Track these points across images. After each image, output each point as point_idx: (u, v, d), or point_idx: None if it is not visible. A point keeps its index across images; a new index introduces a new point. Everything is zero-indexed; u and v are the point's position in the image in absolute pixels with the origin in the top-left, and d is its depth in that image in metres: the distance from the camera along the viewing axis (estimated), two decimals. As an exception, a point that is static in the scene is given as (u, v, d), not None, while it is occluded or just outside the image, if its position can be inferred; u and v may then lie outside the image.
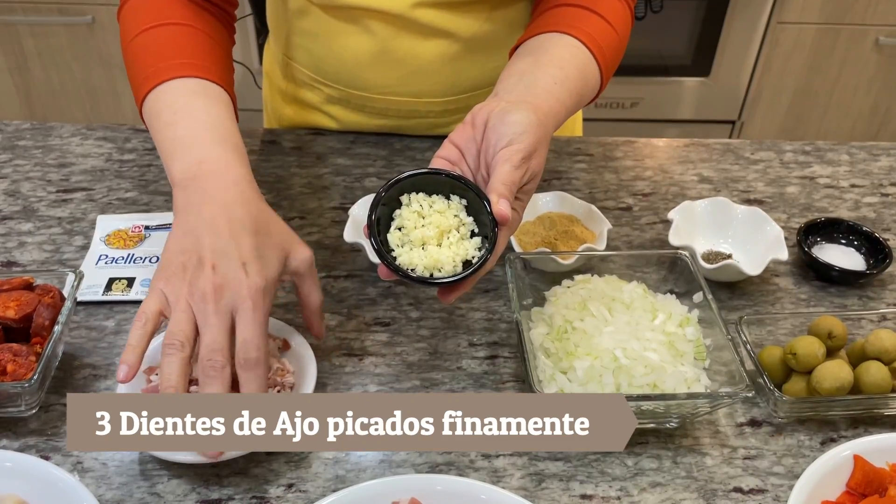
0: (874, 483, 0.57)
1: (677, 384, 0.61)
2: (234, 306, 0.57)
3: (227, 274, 0.57)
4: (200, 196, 0.61)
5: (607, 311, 0.66)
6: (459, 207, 0.59)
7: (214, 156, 0.63)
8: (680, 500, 0.60)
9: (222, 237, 0.59)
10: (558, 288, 0.70)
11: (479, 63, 0.90)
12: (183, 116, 0.65)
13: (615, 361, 0.61)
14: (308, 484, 0.60)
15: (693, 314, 0.67)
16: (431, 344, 0.72)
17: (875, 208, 0.91)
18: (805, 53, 1.97)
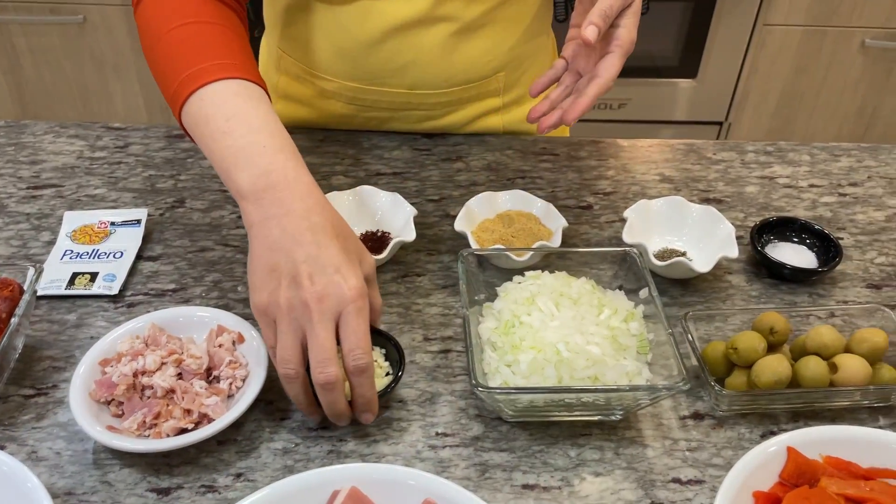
0: (806, 474, 0.58)
1: (618, 377, 0.63)
2: (336, 313, 0.58)
3: (325, 282, 0.58)
4: (277, 208, 0.60)
5: (554, 306, 0.67)
6: (379, 354, 0.68)
7: (280, 165, 0.62)
8: (619, 490, 0.62)
9: (310, 247, 0.59)
10: (509, 283, 0.72)
11: (475, 54, 0.92)
12: (237, 124, 0.64)
13: (558, 355, 0.63)
14: (257, 473, 0.62)
15: (639, 309, 0.69)
16: (387, 338, 0.74)
17: (832, 208, 0.93)
18: (791, 55, 1.99)
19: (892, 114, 2.12)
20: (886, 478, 0.58)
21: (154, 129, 1.02)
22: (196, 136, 0.67)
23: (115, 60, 2.02)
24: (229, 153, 0.64)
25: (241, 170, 0.63)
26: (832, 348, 0.66)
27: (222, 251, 0.83)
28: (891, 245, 0.87)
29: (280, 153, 0.64)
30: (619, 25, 0.74)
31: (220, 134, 0.64)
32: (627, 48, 0.74)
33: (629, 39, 0.74)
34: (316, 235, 0.60)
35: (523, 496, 0.61)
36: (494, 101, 0.99)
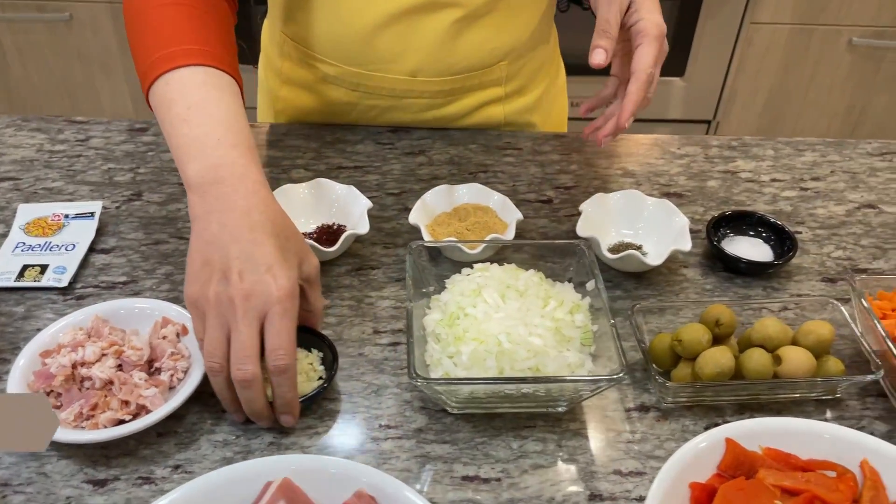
0: (744, 466, 0.58)
1: (559, 368, 0.62)
2: (262, 312, 0.58)
3: (254, 280, 0.58)
4: (220, 203, 0.60)
5: (500, 298, 0.67)
6: (315, 358, 0.68)
7: (230, 160, 0.62)
8: (559, 482, 0.61)
9: (245, 244, 0.59)
10: (457, 276, 0.72)
11: (478, 42, 0.92)
12: (197, 113, 0.65)
13: (499, 346, 0.62)
14: (195, 465, 0.61)
15: (585, 302, 0.69)
16: (336, 331, 0.74)
17: (792, 202, 0.93)
18: (779, 53, 1.99)
19: (880, 112, 2.13)
20: (825, 469, 0.58)
21: (116, 122, 1.02)
22: (158, 119, 0.67)
23: (101, 58, 2.02)
24: (184, 142, 0.64)
25: (192, 160, 0.63)
26: (776, 340, 0.66)
27: (176, 244, 0.83)
28: (849, 239, 0.87)
29: (233, 148, 0.63)
30: (638, 19, 0.76)
31: (180, 121, 0.65)
32: (655, 33, 0.75)
33: (653, 24, 0.75)
34: (253, 233, 0.59)
35: (462, 488, 0.61)
36: (497, 91, 0.99)
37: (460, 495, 0.60)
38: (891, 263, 0.84)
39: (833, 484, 0.56)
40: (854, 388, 0.69)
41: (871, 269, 0.83)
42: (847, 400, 0.69)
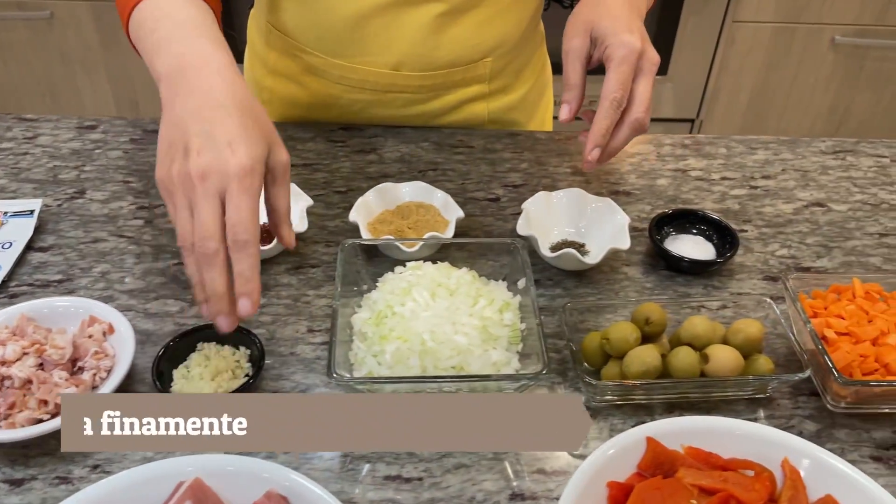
0: (664, 465, 0.58)
1: (483, 367, 0.62)
2: (221, 188, 0.56)
3: (212, 156, 0.56)
4: (184, 87, 0.60)
5: (430, 297, 0.67)
6: (243, 355, 0.68)
7: (196, 48, 0.63)
8: (481, 481, 0.61)
9: (205, 122, 0.58)
10: (390, 274, 0.71)
11: (462, 37, 0.91)
12: (164, 21, 0.67)
13: (423, 345, 0.62)
14: (115, 465, 0.61)
15: (515, 300, 0.68)
16: (270, 330, 0.73)
17: (741, 200, 0.93)
18: (762, 52, 1.99)
19: (864, 110, 2.13)
20: (745, 469, 0.58)
21: (66, 119, 1.01)
22: (136, 45, 0.69)
23: (82, 56, 2.01)
24: (153, 46, 0.66)
25: (159, 57, 0.64)
26: (704, 339, 0.66)
27: (115, 242, 0.82)
28: (794, 237, 0.87)
29: (199, 38, 0.64)
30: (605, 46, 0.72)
31: (149, 32, 0.67)
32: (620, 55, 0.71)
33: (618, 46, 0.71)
34: (214, 112, 0.59)
35: (383, 488, 0.60)
36: (481, 88, 0.99)
37: (381, 495, 0.60)
38: (835, 262, 0.84)
39: (750, 483, 0.56)
40: (787, 387, 0.69)
41: (815, 267, 0.83)
42: (779, 399, 0.68)
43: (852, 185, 0.96)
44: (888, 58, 2.01)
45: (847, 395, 0.64)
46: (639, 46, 0.72)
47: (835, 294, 0.71)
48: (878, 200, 0.93)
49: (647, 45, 0.73)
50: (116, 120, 1.02)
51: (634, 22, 0.74)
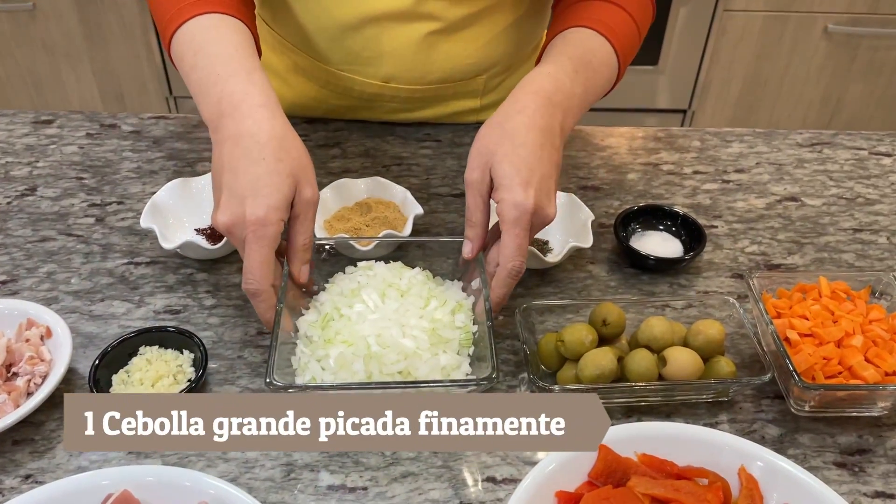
0: (617, 473, 0.56)
1: (431, 372, 0.60)
2: (243, 239, 0.60)
3: (233, 210, 0.60)
4: (220, 135, 0.63)
5: (379, 298, 0.64)
6: (187, 360, 0.67)
7: (228, 91, 0.64)
8: (428, 490, 0.59)
9: (229, 174, 0.61)
10: (340, 275, 0.69)
11: (455, 55, 0.88)
12: (201, 56, 0.67)
13: (367, 349, 0.60)
14: (47, 475, 0.58)
15: (468, 301, 0.66)
16: (218, 332, 0.71)
17: (712, 195, 0.90)
18: (754, 42, 1.95)
19: (857, 100, 2.09)
20: (700, 477, 0.56)
21: (22, 114, 0.99)
22: (180, 68, 0.70)
23: (66, 48, 1.98)
24: (196, 88, 0.67)
25: (202, 103, 0.66)
26: (662, 341, 0.63)
27: (64, 241, 0.80)
28: (765, 233, 0.84)
29: (231, 78, 0.65)
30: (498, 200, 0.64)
31: (190, 69, 0.67)
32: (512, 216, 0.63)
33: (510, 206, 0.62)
34: (240, 161, 0.61)
35: (325, 498, 0.58)
36: (472, 103, 0.96)
37: (322, 506, 0.57)
38: (806, 258, 0.81)
39: (702, 493, 0.53)
40: (751, 390, 0.67)
41: (785, 264, 0.81)
42: (742, 402, 0.66)
43: (828, 178, 0.93)
44: (882, 47, 1.97)
45: (810, 399, 0.62)
46: (530, 206, 0.62)
47: (801, 293, 0.68)
48: (853, 194, 0.91)
49: (545, 201, 0.64)
50: (74, 114, 0.99)
51: (539, 163, 0.64)
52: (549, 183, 0.65)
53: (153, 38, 1.92)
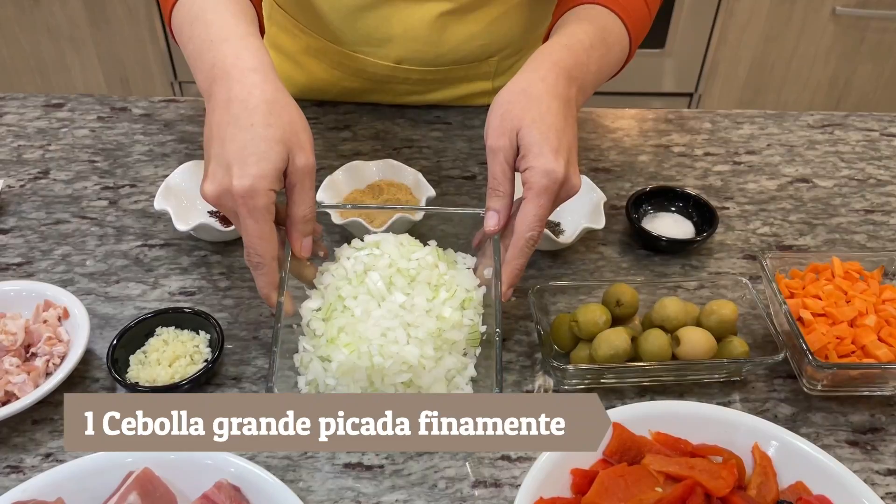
0: (631, 451, 0.56)
1: (436, 380, 0.59)
2: (234, 210, 0.58)
3: (219, 180, 0.57)
4: (211, 102, 0.61)
5: (385, 287, 0.63)
6: (203, 340, 0.67)
7: (221, 56, 0.61)
8: (444, 468, 0.59)
9: (219, 140, 0.58)
10: (346, 247, 0.66)
11: (466, 37, 0.87)
12: (197, 25, 0.64)
13: (370, 359, 0.59)
14: (67, 454, 0.59)
15: (479, 292, 0.64)
16: (233, 313, 0.71)
17: (723, 177, 0.90)
18: (761, 24, 1.93)
19: (865, 83, 2.08)
20: (714, 455, 0.56)
21: (33, 97, 0.99)
22: (181, 47, 0.67)
23: (70, 33, 1.97)
24: (191, 57, 0.64)
25: (197, 71, 0.63)
26: (675, 321, 0.64)
27: (78, 224, 0.80)
28: (777, 214, 0.84)
29: (224, 43, 0.62)
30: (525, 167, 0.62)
31: (187, 40, 0.65)
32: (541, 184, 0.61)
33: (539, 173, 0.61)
34: (227, 128, 0.58)
35: (342, 476, 0.59)
36: (484, 85, 0.96)
37: (339, 483, 0.58)
38: (818, 240, 0.81)
39: (717, 470, 0.54)
40: (763, 370, 0.67)
41: (797, 245, 0.81)
42: (755, 382, 0.66)
43: (839, 159, 0.93)
44: (890, 29, 1.96)
45: (823, 378, 0.62)
46: (561, 174, 0.61)
47: (813, 274, 0.68)
48: (865, 175, 0.91)
49: (572, 171, 0.63)
50: (84, 97, 0.99)
51: (564, 132, 0.63)
52: (574, 154, 0.64)
53: (158, 22, 1.91)
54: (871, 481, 0.59)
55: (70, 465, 0.53)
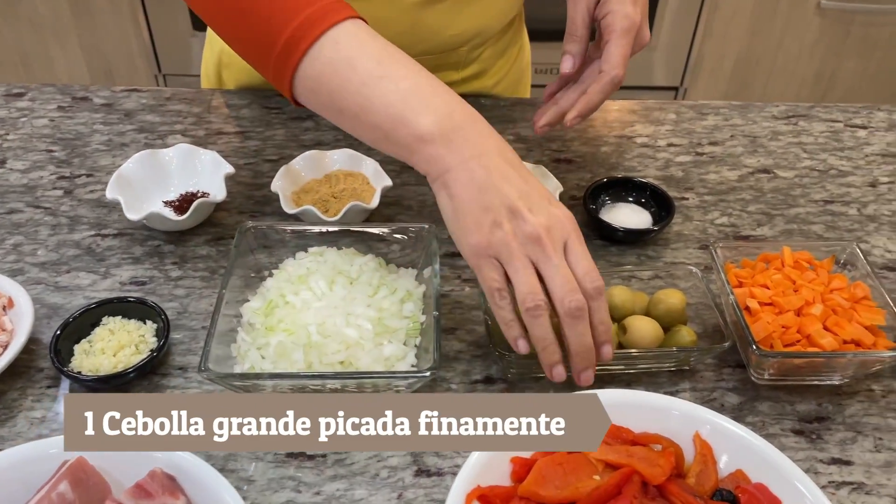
0: (573, 439, 0.56)
1: (375, 362, 0.59)
2: (563, 242, 0.57)
3: (545, 213, 0.57)
4: (472, 149, 0.57)
5: (327, 286, 0.63)
6: (149, 330, 0.66)
7: (458, 105, 0.59)
8: (387, 457, 0.59)
9: (518, 181, 0.57)
10: (290, 260, 0.68)
11: (438, 27, 0.87)
12: (392, 66, 0.60)
13: (308, 338, 0.59)
14: (7, 443, 0.59)
15: (419, 290, 0.65)
16: (183, 303, 0.71)
17: (685, 167, 0.90)
18: (746, 17, 1.93)
19: (850, 77, 2.08)
20: (654, 443, 0.56)
21: (-7, 87, 0.98)
22: (334, 85, 0.60)
23: (54, 25, 1.95)
24: (396, 98, 0.59)
25: (421, 114, 0.58)
26: (623, 310, 0.63)
27: (31, 213, 0.79)
28: (736, 205, 0.84)
29: (450, 93, 0.60)
30: (606, 12, 0.71)
31: (377, 79, 0.59)
32: (623, 26, 0.70)
33: (622, 17, 0.70)
34: (518, 170, 0.58)
35: (284, 465, 0.58)
36: (452, 74, 0.95)
37: (281, 473, 0.58)
38: (775, 230, 0.81)
39: (654, 458, 0.54)
40: (713, 360, 0.67)
41: (754, 235, 0.81)
42: (704, 371, 0.66)
43: (802, 150, 0.93)
44: (875, 23, 1.96)
45: (769, 367, 0.62)
46: (639, 20, 0.70)
47: (764, 263, 0.68)
48: (826, 166, 0.91)
49: (644, 23, 0.71)
50: (46, 87, 0.98)
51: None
52: (646, 9, 0.72)
53: (141, 14, 1.90)
54: (815, 470, 0.59)
55: (5, 454, 0.53)
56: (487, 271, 0.57)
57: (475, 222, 0.56)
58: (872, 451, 0.60)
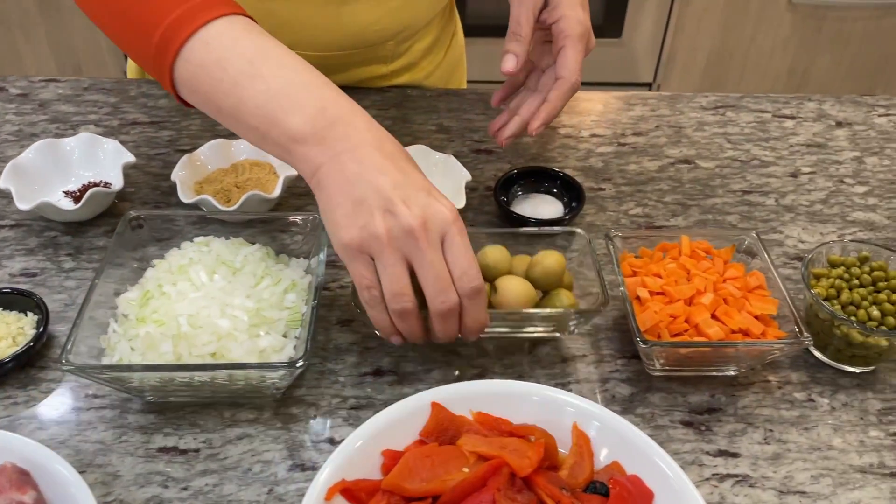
0: (449, 431, 0.55)
1: (246, 354, 0.57)
2: (441, 236, 0.54)
3: (422, 205, 0.54)
4: (346, 143, 0.55)
5: (207, 276, 0.62)
6: (30, 322, 0.64)
7: (333, 100, 0.57)
8: (262, 452, 0.58)
9: (395, 173, 0.54)
10: (174, 250, 0.66)
11: (362, 22, 0.85)
12: (264, 65, 0.57)
13: (177, 329, 0.57)
14: None
15: (305, 280, 0.64)
16: (72, 295, 0.69)
17: (605, 158, 0.89)
18: (718, 13, 1.93)
19: (823, 73, 2.07)
20: (530, 434, 0.55)
21: None
22: (206, 86, 0.58)
23: (20, 20, 1.93)
24: (268, 98, 0.56)
25: (291, 113, 0.56)
26: (496, 270, 0.61)
27: (-73, 204, 0.78)
28: (653, 196, 0.83)
29: (325, 88, 0.58)
30: (559, 17, 0.70)
31: (248, 78, 0.57)
32: (577, 32, 0.70)
33: (575, 22, 0.70)
34: (396, 162, 0.55)
35: (154, 460, 0.57)
36: (380, 69, 0.94)
37: (149, 468, 0.56)
38: (689, 220, 0.80)
39: (524, 450, 0.52)
40: (609, 350, 0.66)
41: (667, 226, 0.79)
42: (599, 362, 0.65)
43: (726, 141, 0.92)
44: (848, 18, 1.95)
45: (659, 357, 0.61)
46: (589, 25, 0.71)
47: (661, 252, 0.67)
48: (749, 157, 0.90)
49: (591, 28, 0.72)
50: (-38, 77, 0.96)
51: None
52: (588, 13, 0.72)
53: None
54: (700, 462, 0.58)
55: None
56: (357, 267, 0.55)
57: (345, 216, 0.54)
58: (761, 443, 0.59)
